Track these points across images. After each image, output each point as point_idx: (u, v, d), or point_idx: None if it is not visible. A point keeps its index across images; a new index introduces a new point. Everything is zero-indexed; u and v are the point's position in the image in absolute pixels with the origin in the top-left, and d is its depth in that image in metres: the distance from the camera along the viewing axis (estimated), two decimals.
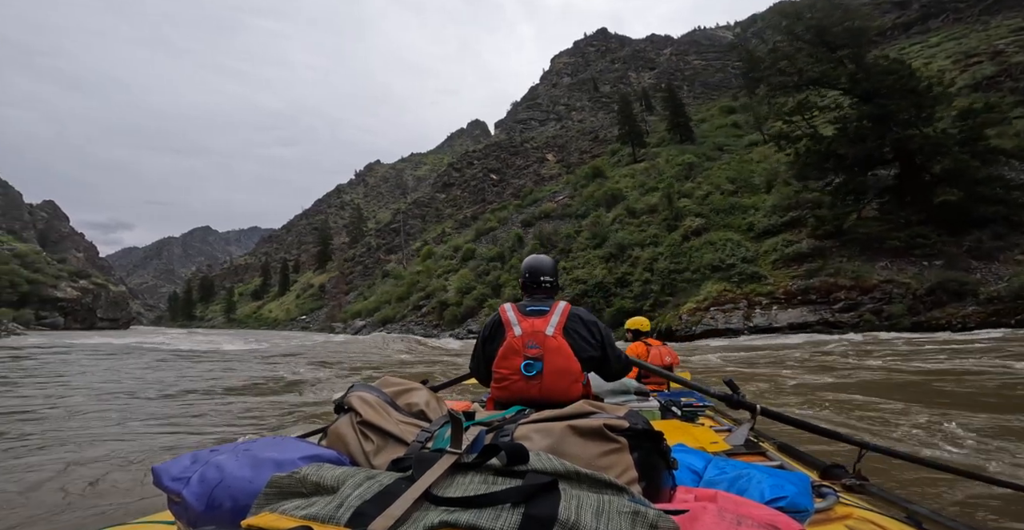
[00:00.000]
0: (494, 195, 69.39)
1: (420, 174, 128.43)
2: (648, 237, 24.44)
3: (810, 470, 1.41)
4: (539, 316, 1.60)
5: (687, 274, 20.23)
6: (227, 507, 0.68)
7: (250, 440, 0.84)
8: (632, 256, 23.42)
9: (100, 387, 7.13)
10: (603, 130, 71.05)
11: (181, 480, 0.72)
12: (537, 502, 0.51)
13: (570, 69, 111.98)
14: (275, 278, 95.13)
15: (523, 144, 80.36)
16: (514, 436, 0.77)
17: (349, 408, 0.92)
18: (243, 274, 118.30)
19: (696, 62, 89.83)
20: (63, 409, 5.34)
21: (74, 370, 9.31)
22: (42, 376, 8.33)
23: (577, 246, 28.45)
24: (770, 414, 1.70)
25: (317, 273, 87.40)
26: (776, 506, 0.84)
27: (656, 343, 4.08)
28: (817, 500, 1.01)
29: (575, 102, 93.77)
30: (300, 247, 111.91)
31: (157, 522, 0.88)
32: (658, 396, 2.63)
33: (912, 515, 1.04)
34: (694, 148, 36.36)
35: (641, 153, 42.97)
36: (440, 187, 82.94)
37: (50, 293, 34.06)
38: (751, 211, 22.59)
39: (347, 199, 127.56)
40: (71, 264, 49.71)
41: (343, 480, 0.58)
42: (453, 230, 63.77)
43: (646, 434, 0.77)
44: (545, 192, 50.77)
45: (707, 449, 1.44)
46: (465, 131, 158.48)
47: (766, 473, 1.01)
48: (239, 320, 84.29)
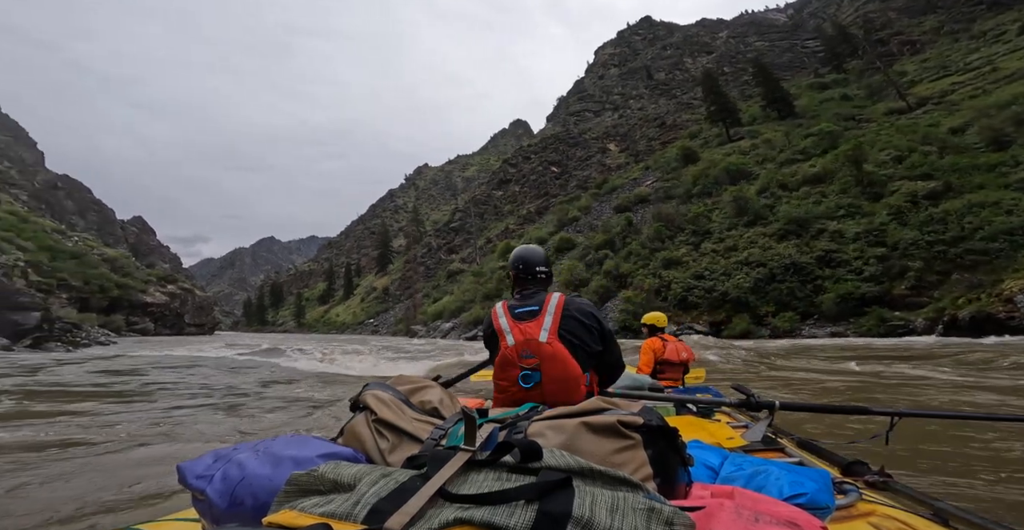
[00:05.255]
0: (557, 188, 64.70)
1: (468, 175, 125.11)
2: (838, 208, 18.58)
3: (831, 466, 1.29)
4: (531, 319, 1.43)
5: (971, 244, 14.01)
6: (249, 504, 0.67)
7: (269, 438, 0.81)
8: (826, 230, 17.62)
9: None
10: (669, 116, 65.11)
11: (204, 478, 0.70)
12: (551, 499, 0.49)
13: (617, 59, 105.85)
14: (338, 282, 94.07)
15: (581, 135, 75.29)
16: (527, 433, 0.74)
17: (364, 406, 0.89)
18: (308, 280, 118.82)
19: (758, 43, 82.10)
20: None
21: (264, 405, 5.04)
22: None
23: (718, 225, 22.85)
24: (790, 406, 1.62)
25: (378, 276, 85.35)
26: (796, 503, 0.80)
27: (672, 339, 3.72)
28: (838, 497, 0.96)
29: (630, 91, 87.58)
30: (360, 252, 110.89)
31: (182, 519, 0.85)
32: (673, 392, 2.48)
33: (939, 512, 0.95)
34: (808, 121, 31.37)
35: (735, 132, 37.62)
36: (496, 184, 79.07)
37: (139, 298, 31.83)
38: (1000, 168, 16.29)
39: (400, 203, 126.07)
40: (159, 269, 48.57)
41: (360, 478, 0.57)
42: (517, 225, 59.73)
43: (660, 430, 0.73)
44: (622, 180, 45.96)
45: (723, 445, 1.33)
46: (508, 131, 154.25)
47: (785, 469, 0.95)
48: (308, 324, 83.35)
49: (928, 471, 2.50)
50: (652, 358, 3.53)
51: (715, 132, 40.73)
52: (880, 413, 1.47)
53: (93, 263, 29.89)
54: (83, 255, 30.10)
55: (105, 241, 46.27)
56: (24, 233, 27.61)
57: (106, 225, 69.34)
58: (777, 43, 78.27)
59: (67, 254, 28.77)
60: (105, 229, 66.53)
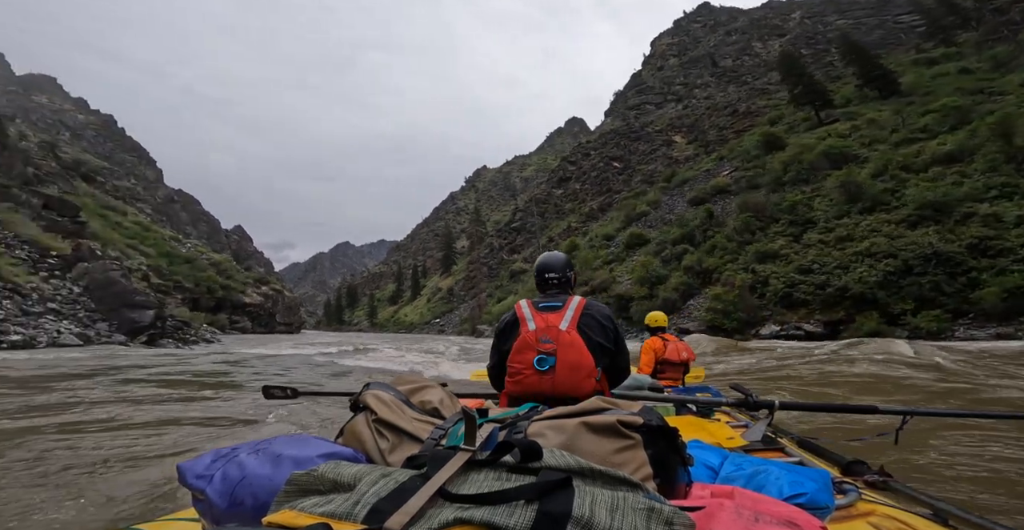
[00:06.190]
0: (620, 183, 62.10)
1: (526, 175, 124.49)
2: (987, 188, 15.40)
3: (831, 466, 1.29)
4: (553, 311, 1.52)
5: None
6: (249, 504, 0.66)
7: (270, 438, 0.79)
8: (976, 214, 14.58)
9: None
10: (741, 103, 60.27)
11: (204, 478, 0.69)
12: (551, 499, 0.48)
13: (676, 49, 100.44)
14: (406, 284, 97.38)
15: (643, 129, 72.02)
16: (527, 433, 0.73)
17: (364, 406, 0.88)
18: (379, 281, 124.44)
19: (839, 22, 74.07)
20: None
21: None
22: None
23: (823, 214, 20.06)
24: (790, 406, 1.61)
25: (443, 277, 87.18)
26: (795, 503, 0.79)
27: (672, 338, 3.68)
28: (838, 497, 0.95)
29: (694, 80, 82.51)
30: (425, 253, 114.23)
31: (182, 519, 0.84)
32: (673, 392, 2.49)
33: (938, 512, 0.94)
34: (921, 99, 27.16)
35: (826, 115, 33.72)
36: (556, 182, 77.82)
37: (240, 298, 34.32)
38: None
39: (461, 205, 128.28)
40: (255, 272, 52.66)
41: (359, 477, 0.56)
42: (580, 223, 58.04)
43: (660, 430, 0.72)
44: (693, 172, 43.05)
45: (723, 445, 1.31)
46: (564, 129, 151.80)
47: (785, 469, 0.94)
48: (380, 324, 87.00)
49: (928, 471, 2.50)
50: (653, 358, 3.48)
51: (801, 116, 37.18)
52: (891, 412, 1.44)
53: (203, 267, 32.68)
54: (195, 260, 33.01)
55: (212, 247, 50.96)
56: (147, 241, 30.74)
57: (214, 234, 77.12)
58: (863, 20, 70.26)
59: (182, 259, 31.65)
60: (213, 237, 73.87)
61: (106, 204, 33.80)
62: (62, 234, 19.49)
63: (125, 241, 27.40)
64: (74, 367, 8.12)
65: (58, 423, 3.81)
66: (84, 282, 15.90)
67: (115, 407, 4.56)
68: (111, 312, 15.09)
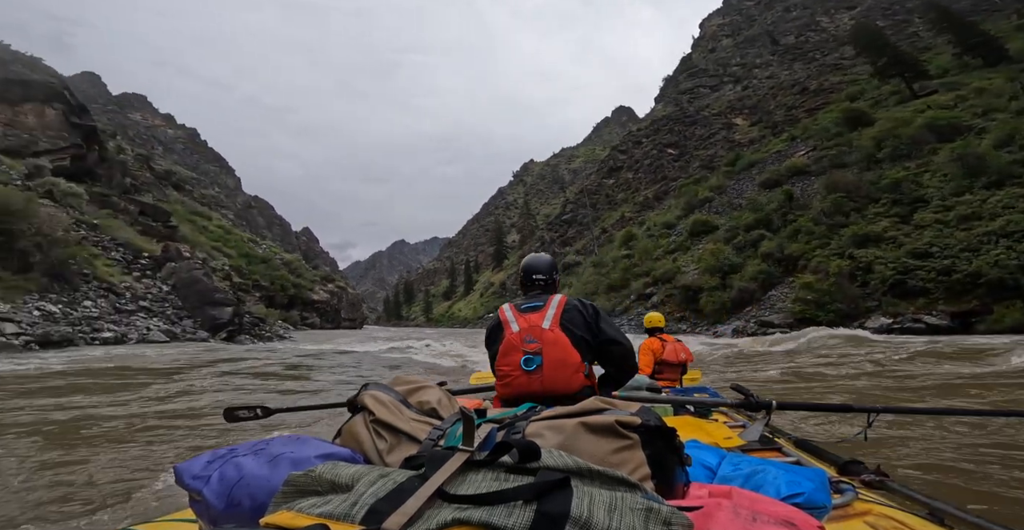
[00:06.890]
0: (676, 170, 58.47)
1: (575, 167, 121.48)
2: None
3: (828, 466, 1.28)
4: (535, 311, 1.53)
5: None
6: (246, 505, 0.65)
7: (267, 438, 0.80)
8: None
9: None
10: (812, 80, 54.47)
11: (201, 478, 0.68)
12: (549, 499, 0.48)
13: (728, 29, 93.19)
14: (459, 279, 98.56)
15: (699, 113, 67.46)
16: (525, 433, 0.73)
17: (362, 407, 0.87)
18: (433, 277, 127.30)
19: None
20: None
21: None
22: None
23: (936, 191, 17.10)
24: (786, 406, 1.60)
25: (495, 272, 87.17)
26: (793, 502, 0.79)
27: (671, 339, 3.69)
28: (835, 496, 0.95)
29: (752, 59, 76.09)
30: (477, 249, 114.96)
31: (179, 520, 0.84)
32: (670, 392, 2.47)
33: (934, 511, 0.94)
34: None
35: (920, 87, 29.32)
36: (606, 172, 75.07)
37: (309, 296, 35.85)
38: None
39: (510, 200, 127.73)
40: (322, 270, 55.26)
41: (357, 478, 0.56)
42: (634, 213, 55.38)
43: (658, 430, 0.71)
44: (760, 154, 39.50)
45: (721, 445, 1.30)
46: (611, 119, 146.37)
47: (782, 469, 0.94)
48: (436, 319, 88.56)
49: (926, 470, 2.48)
50: (651, 359, 3.45)
51: (888, 89, 32.75)
52: (859, 410, 1.47)
53: (276, 266, 34.55)
54: (270, 260, 34.99)
55: (285, 248, 54.17)
56: (229, 243, 32.90)
57: (285, 236, 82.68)
58: None
59: (259, 259, 33.64)
60: (285, 239, 79.06)
61: (194, 210, 36.63)
62: (156, 238, 20.91)
63: (211, 243, 29.38)
64: (187, 361, 9.00)
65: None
66: (172, 281, 16.76)
67: (223, 395, 5.34)
68: (195, 309, 15.77)
